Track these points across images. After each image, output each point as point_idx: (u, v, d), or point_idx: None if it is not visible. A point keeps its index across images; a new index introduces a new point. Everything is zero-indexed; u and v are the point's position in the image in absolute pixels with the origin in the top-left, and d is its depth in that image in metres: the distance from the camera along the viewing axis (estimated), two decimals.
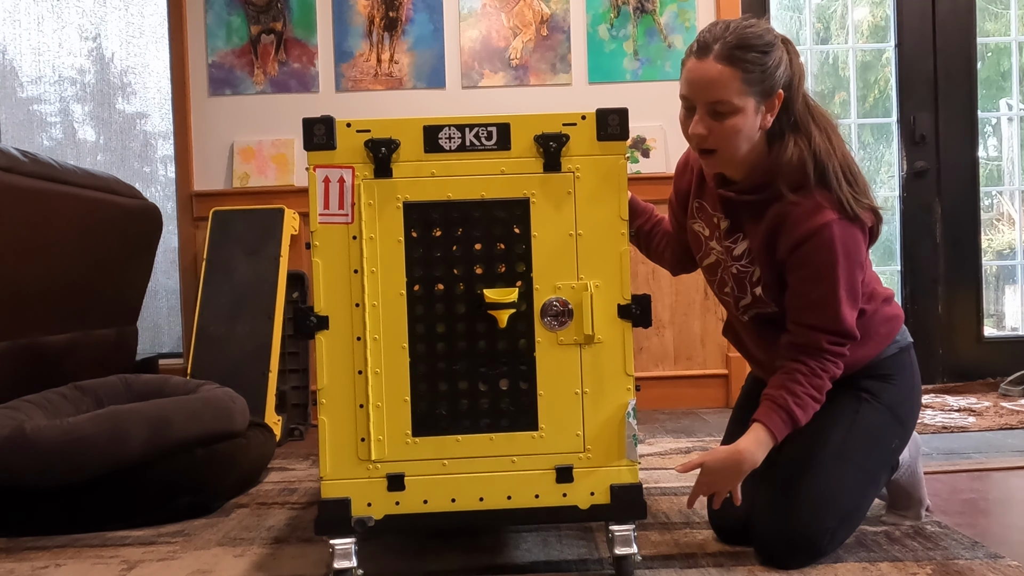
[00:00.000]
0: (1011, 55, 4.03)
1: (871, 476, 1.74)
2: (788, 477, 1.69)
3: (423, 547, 1.84)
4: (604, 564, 1.70)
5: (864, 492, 1.74)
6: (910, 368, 1.83)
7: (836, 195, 1.63)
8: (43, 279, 2.54)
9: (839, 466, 1.69)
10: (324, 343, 1.56)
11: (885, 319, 1.79)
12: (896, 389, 1.78)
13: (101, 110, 3.88)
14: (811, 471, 1.68)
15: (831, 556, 1.69)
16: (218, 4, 3.61)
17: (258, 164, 3.60)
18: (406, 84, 3.62)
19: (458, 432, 1.58)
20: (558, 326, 1.58)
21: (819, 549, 1.65)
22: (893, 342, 1.80)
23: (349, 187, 1.55)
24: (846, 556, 1.70)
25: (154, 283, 3.75)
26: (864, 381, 1.78)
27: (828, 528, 1.65)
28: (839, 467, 1.69)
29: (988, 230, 4.07)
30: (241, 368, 3.02)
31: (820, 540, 1.65)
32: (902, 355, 1.82)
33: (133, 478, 2.08)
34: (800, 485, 1.67)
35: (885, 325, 1.78)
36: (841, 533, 1.70)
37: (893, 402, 1.77)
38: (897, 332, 1.81)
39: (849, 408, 1.75)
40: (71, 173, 2.62)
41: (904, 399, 1.80)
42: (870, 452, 1.73)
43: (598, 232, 1.58)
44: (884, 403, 1.77)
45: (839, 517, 1.67)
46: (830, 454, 1.70)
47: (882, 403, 1.76)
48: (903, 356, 1.82)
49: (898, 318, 1.82)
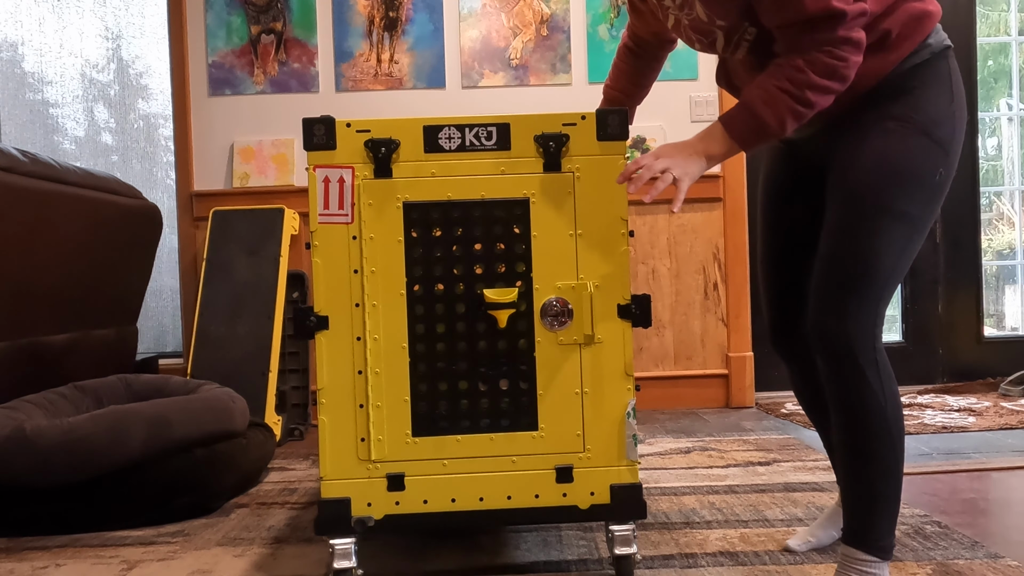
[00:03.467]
0: (999, 56, 4.03)
1: (915, 223, 1.46)
2: (825, 251, 1.49)
3: (423, 547, 1.84)
4: (604, 564, 1.70)
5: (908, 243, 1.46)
6: (947, 78, 1.48)
7: None
8: (43, 279, 2.54)
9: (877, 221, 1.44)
10: (324, 343, 1.56)
11: (911, 17, 1.46)
12: (930, 105, 1.46)
13: (104, 110, 3.88)
14: (846, 238, 1.46)
15: (831, 556, 1.69)
16: (218, 4, 3.61)
17: (258, 164, 3.60)
18: (406, 84, 3.62)
19: (458, 432, 1.58)
20: (558, 326, 1.58)
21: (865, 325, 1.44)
22: (923, 46, 1.47)
23: (349, 187, 1.55)
24: None
25: (159, 283, 3.76)
26: (887, 105, 1.46)
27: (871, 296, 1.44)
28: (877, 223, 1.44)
29: (988, 230, 4.07)
30: (241, 368, 3.02)
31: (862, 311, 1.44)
32: (935, 62, 1.48)
33: (133, 478, 2.08)
34: (835, 256, 1.46)
35: (910, 24, 1.46)
36: (885, 294, 1.47)
37: (927, 122, 1.45)
38: (929, 32, 1.47)
39: (874, 147, 1.45)
40: (71, 173, 2.62)
41: (942, 117, 1.46)
42: (912, 195, 1.45)
43: (598, 232, 1.58)
44: (917, 125, 1.45)
45: (884, 277, 1.45)
46: (865, 213, 1.45)
47: (915, 126, 1.45)
48: (937, 64, 1.48)
49: (929, 16, 1.48)
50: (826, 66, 1.38)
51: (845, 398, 1.46)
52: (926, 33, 1.46)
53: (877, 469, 1.46)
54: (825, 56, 1.37)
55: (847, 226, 1.46)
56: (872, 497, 1.47)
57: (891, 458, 1.46)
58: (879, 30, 1.43)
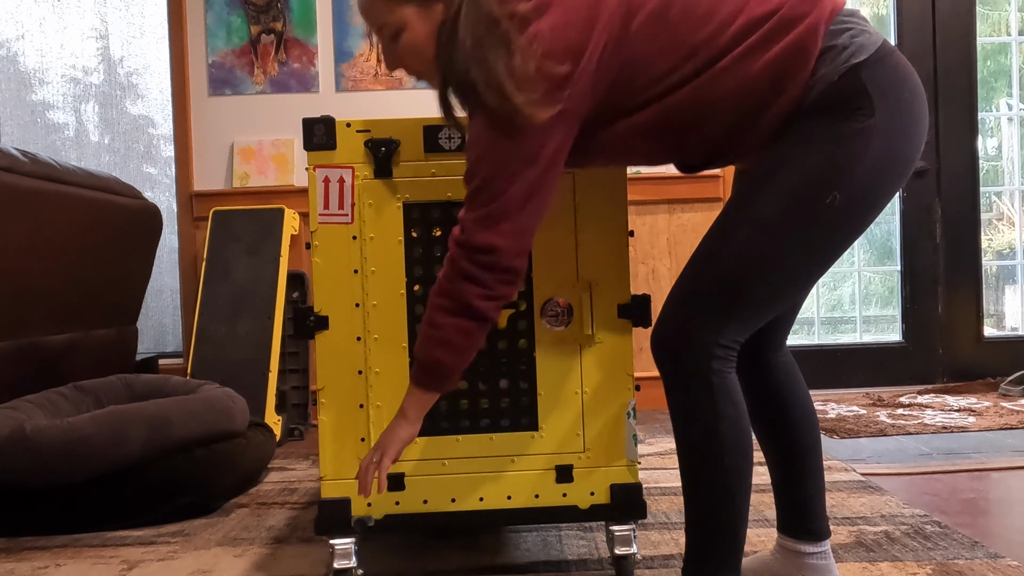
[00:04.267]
0: (999, 56, 4.03)
1: (786, 243, 1.27)
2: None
3: (423, 547, 1.84)
4: (604, 564, 1.70)
5: (770, 264, 1.27)
6: (858, 96, 1.23)
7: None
8: (43, 279, 2.54)
9: (738, 234, 1.28)
10: (324, 343, 1.56)
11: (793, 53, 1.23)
12: (838, 125, 1.23)
13: (105, 111, 3.88)
14: (702, 247, 1.33)
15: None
16: (218, 4, 3.61)
17: (258, 164, 3.60)
18: (406, 84, 3.61)
19: (458, 432, 1.58)
20: (558, 326, 1.58)
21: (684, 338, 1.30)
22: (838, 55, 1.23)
23: (349, 187, 1.55)
24: (846, 556, 1.70)
25: (159, 283, 3.76)
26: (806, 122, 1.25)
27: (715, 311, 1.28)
28: (737, 236, 1.28)
29: (988, 230, 4.07)
30: (241, 368, 3.02)
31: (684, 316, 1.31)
32: (841, 86, 1.23)
33: (133, 478, 2.08)
34: (688, 265, 1.34)
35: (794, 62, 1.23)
36: (738, 313, 1.29)
37: (833, 138, 1.23)
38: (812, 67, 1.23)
39: (768, 164, 1.27)
40: (71, 173, 2.62)
41: (848, 134, 1.23)
42: (792, 214, 1.26)
43: (598, 232, 1.57)
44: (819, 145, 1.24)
45: (733, 294, 1.29)
46: (726, 226, 1.31)
47: (818, 145, 1.24)
48: (848, 83, 1.23)
49: (807, 52, 1.23)
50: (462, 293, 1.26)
51: (673, 415, 1.33)
52: (809, 68, 1.23)
53: (705, 498, 1.31)
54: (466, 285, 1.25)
55: (708, 236, 1.32)
56: (703, 528, 1.32)
57: (720, 489, 1.30)
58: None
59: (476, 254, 1.25)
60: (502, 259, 1.25)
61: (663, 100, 1.27)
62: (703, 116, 1.27)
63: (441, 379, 1.33)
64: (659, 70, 1.26)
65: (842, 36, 1.24)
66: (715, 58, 1.25)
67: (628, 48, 1.25)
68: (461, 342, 1.29)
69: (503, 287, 1.27)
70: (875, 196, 1.28)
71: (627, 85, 1.27)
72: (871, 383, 3.87)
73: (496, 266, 1.25)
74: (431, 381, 1.34)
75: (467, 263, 1.25)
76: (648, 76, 1.26)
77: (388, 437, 1.37)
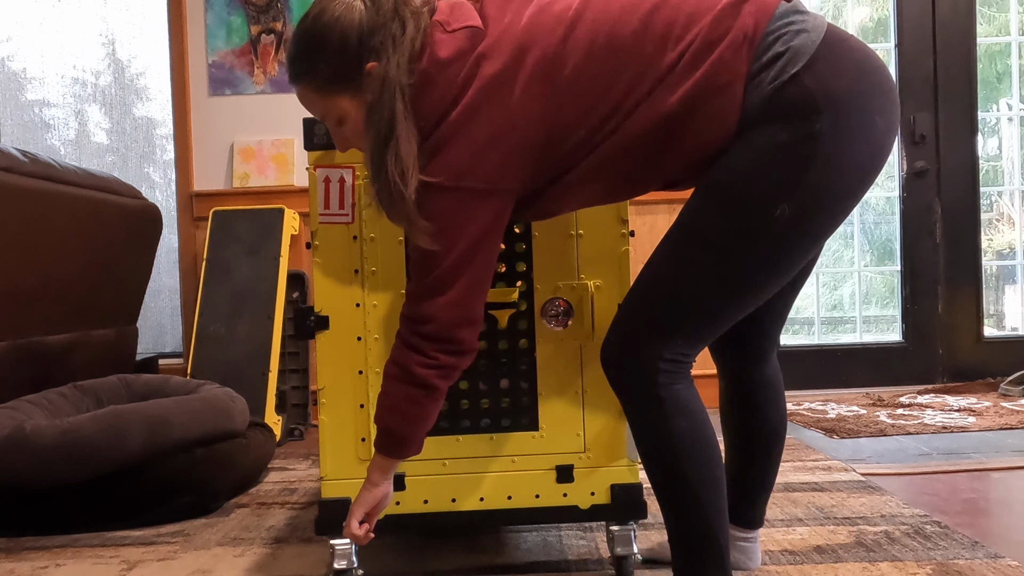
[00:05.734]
0: (999, 56, 4.03)
1: (731, 257, 1.24)
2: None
3: (423, 547, 1.84)
4: (604, 564, 1.70)
5: (716, 277, 1.25)
6: (799, 108, 1.18)
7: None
8: (43, 279, 2.54)
9: (685, 247, 1.27)
10: (324, 343, 1.56)
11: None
12: (781, 133, 1.19)
13: (105, 111, 3.88)
14: (652, 259, 1.31)
15: (831, 556, 1.69)
16: (218, 4, 3.61)
17: (258, 164, 3.59)
18: None
19: (458, 432, 1.58)
20: (558, 326, 1.58)
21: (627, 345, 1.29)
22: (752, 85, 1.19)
23: (349, 187, 1.55)
24: (846, 556, 1.70)
25: (158, 283, 3.76)
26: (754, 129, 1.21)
27: (660, 325, 1.27)
28: (684, 248, 1.27)
29: (988, 230, 4.07)
30: (241, 368, 3.02)
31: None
32: (816, 70, 1.18)
33: (133, 478, 2.08)
34: (639, 276, 1.33)
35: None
36: (684, 327, 1.28)
37: (780, 146, 1.20)
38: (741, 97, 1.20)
39: (718, 175, 1.24)
40: (71, 173, 2.62)
41: (795, 141, 1.19)
42: (737, 226, 1.24)
43: (598, 232, 1.57)
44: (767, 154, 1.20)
45: (678, 308, 1.27)
46: (676, 237, 1.29)
47: (767, 153, 1.20)
48: (818, 69, 1.19)
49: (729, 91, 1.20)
50: (409, 366, 1.30)
51: (631, 430, 1.34)
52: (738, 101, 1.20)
53: (674, 508, 1.31)
54: (405, 333, 1.30)
55: (657, 249, 1.31)
56: (679, 537, 1.32)
57: (687, 499, 1.28)
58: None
59: (417, 325, 1.28)
60: (441, 330, 1.27)
61: (595, 151, 1.26)
62: (639, 153, 1.26)
63: (397, 446, 1.36)
64: (583, 131, 1.25)
65: (775, 46, 1.20)
66: (638, 101, 1.23)
67: (551, 120, 1.24)
68: (409, 410, 1.32)
69: (447, 357, 1.29)
70: (833, 200, 1.22)
71: (556, 151, 1.27)
72: (871, 383, 3.87)
73: (437, 336, 1.28)
74: (388, 448, 1.37)
75: (409, 334, 1.29)
76: (573, 140, 1.26)
77: (356, 500, 1.41)
